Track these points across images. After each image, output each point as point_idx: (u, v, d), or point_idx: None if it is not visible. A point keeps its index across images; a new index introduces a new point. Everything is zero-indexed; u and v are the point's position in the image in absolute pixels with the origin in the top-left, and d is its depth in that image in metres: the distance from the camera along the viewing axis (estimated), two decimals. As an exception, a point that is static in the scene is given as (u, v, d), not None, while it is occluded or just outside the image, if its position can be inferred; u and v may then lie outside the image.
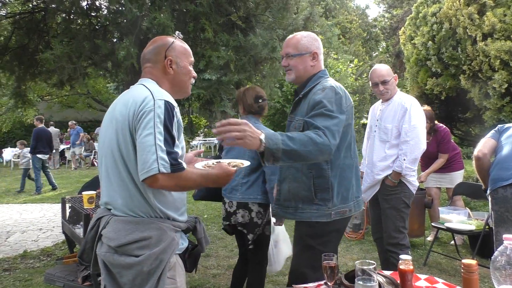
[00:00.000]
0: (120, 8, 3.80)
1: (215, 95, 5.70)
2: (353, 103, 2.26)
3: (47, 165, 10.57)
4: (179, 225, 1.79)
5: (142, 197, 1.67)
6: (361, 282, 1.55)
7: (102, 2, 4.57)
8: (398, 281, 1.73)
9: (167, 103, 1.65)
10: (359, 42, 27.27)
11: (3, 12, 4.41)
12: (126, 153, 1.66)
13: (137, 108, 1.64)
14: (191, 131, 19.64)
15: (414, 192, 3.39)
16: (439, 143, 4.93)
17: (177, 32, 1.92)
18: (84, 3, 4.58)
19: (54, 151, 12.32)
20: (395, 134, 3.28)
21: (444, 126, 5.07)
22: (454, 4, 9.40)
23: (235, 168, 1.75)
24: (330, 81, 2.23)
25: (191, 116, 21.32)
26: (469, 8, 9.00)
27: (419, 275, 1.96)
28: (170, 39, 1.87)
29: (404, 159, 3.20)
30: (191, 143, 19.39)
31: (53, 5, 4.60)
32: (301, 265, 2.26)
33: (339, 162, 2.19)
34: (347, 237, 5.42)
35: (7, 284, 4.09)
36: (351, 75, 13.32)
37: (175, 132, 1.66)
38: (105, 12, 4.55)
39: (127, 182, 1.67)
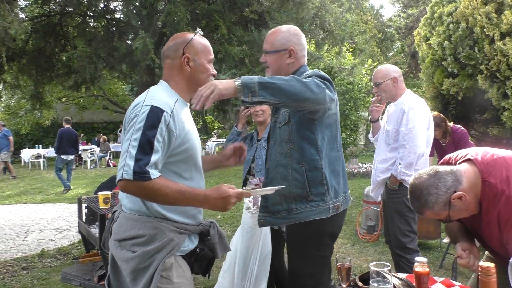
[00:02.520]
0: (134, 11, 3.84)
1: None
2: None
3: (72, 165, 10.89)
4: (185, 227, 1.78)
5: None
6: (375, 284, 1.54)
7: (118, 4, 4.63)
8: (414, 284, 1.71)
9: (153, 108, 1.63)
10: (374, 42, 27.05)
11: (22, 16, 4.50)
12: None
13: (128, 113, 1.72)
14: (205, 132, 19.80)
15: None
16: (456, 145, 4.85)
17: (198, 29, 1.95)
18: (101, 5, 4.64)
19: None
20: (395, 136, 3.21)
21: (461, 128, 4.97)
22: (471, 3, 9.26)
23: (233, 190, 1.69)
24: (311, 71, 2.06)
25: (206, 117, 21.45)
26: (487, 7, 8.85)
27: (435, 278, 1.93)
28: (190, 36, 1.86)
29: (400, 163, 3.12)
30: (206, 144, 19.49)
31: (69, 8, 4.67)
32: (297, 273, 2.16)
33: (327, 153, 2.07)
34: (361, 239, 5.37)
35: (25, 283, 4.16)
36: (365, 75, 13.21)
37: (158, 137, 1.62)
38: (121, 15, 4.61)
39: None
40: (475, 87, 9.73)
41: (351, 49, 12.22)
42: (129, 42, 4.68)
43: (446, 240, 4.94)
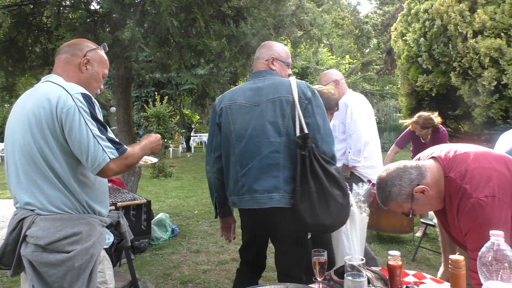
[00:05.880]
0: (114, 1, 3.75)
1: (207, 85, 5.71)
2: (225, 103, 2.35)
3: None
4: (105, 220, 1.86)
5: (70, 193, 1.71)
6: (350, 278, 1.56)
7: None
8: (387, 277, 1.75)
9: (84, 95, 1.69)
10: (351, 39, 27.31)
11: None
12: (50, 153, 1.67)
13: (54, 107, 1.65)
14: (183, 126, 19.60)
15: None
16: (436, 144, 4.89)
17: (103, 44, 1.99)
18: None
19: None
20: (342, 129, 3.51)
21: (443, 128, 4.98)
22: (446, 0, 9.45)
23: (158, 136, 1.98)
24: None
25: (184, 111, 21.21)
26: (461, 5, 9.06)
27: (408, 271, 1.98)
28: (94, 45, 1.93)
29: (349, 152, 3.43)
30: (183, 138, 19.33)
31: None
32: None
33: (224, 156, 2.34)
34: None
35: (-4, 280, 4.05)
36: (343, 71, 13.33)
37: (102, 119, 1.73)
38: (100, 6, 4.51)
39: (53, 181, 1.68)
40: (448, 84, 9.96)
41: (327, 46, 12.33)
42: (106, 33, 4.59)
43: (418, 234, 5.06)
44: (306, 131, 2.14)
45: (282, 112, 2.18)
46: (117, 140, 1.71)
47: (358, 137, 3.39)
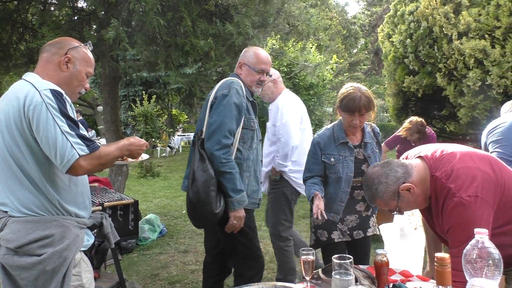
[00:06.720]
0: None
1: (194, 85, 5.70)
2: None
3: None
4: (84, 222, 1.80)
5: (42, 194, 1.65)
6: (338, 276, 1.57)
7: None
8: (374, 275, 1.76)
9: (53, 91, 1.63)
10: (339, 39, 27.44)
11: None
12: (19, 153, 1.62)
13: (22, 104, 1.60)
14: (171, 125, 19.48)
15: (298, 189, 3.48)
16: None
17: (88, 42, 1.95)
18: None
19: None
20: (273, 131, 3.49)
21: (432, 131, 5.09)
22: (431, 3, 9.55)
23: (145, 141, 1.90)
24: None
25: (171, 110, 21.10)
26: (445, 7, 9.17)
27: (394, 269, 2.00)
28: (77, 43, 1.87)
29: (277, 156, 3.41)
30: (171, 137, 19.22)
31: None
32: None
33: None
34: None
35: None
36: (331, 70, 13.37)
37: (73, 116, 1.67)
38: (85, 4, 4.46)
39: (23, 181, 1.64)
40: (434, 85, 10.07)
41: (315, 44, 12.35)
42: (92, 32, 4.54)
43: (405, 232, 5.11)
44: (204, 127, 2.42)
45: (205, 109, 2.47)
46: (89, 137, 1.66)
47: (286, 142, 3.33)
